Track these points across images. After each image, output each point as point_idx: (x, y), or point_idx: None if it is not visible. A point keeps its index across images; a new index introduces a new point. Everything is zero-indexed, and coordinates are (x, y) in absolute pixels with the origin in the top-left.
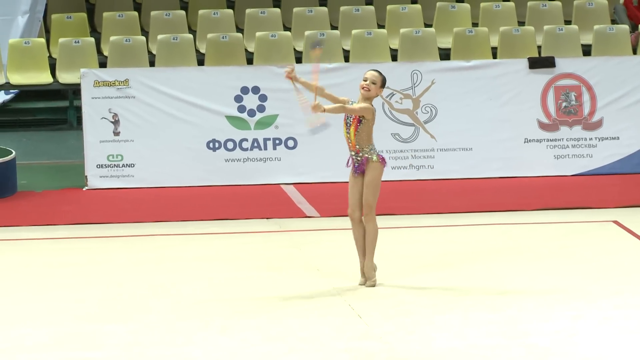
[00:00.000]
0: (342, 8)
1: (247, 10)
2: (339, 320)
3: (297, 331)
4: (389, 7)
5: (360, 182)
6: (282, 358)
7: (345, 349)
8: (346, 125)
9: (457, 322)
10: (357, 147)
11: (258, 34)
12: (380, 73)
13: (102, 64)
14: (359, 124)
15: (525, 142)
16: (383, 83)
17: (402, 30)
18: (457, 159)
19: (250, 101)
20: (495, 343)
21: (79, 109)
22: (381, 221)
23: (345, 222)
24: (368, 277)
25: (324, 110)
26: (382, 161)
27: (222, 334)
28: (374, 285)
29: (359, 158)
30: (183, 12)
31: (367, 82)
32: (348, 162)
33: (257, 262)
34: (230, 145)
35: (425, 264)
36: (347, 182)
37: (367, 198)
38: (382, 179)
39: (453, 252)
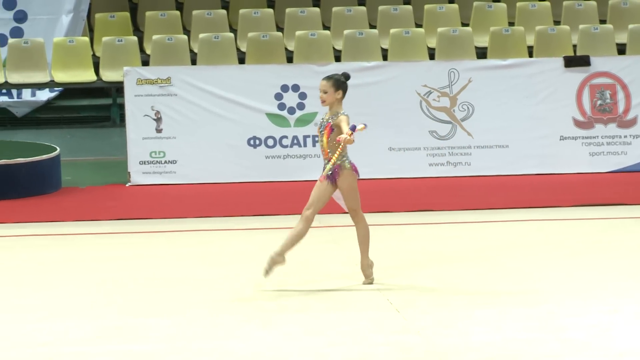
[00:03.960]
0: (380, 7)
1: (287, 10)
2: (377, 315)
3: (337, 325)
4: (426, 6)
5: (329, 189)
6: (322, 351)
7: (384, 342)
8: (320, 134)
9: (494, 317)
10: (330, 155)
11: (298, 32)
12: (330, 78)
13: (145, 62)
14: (332, 131)
15: (560, 139)
16: (337, 85)
17: (439, 30)
18: (493, 156)
19: (290, 99)
20: (532, 337)
21: (122, 107)
22: (419, 217)
23: (384, 217)
24: (366, 275)
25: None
26: (355, 170)
27: (264, 328)
28: (371, 283)
29: (331, 166)
30: (224, 12)
31: (320, 93)
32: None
33: (297, 257)
34: (270, 142)
35: (463, 259)
36: (385, 178)
37: (349, 206)
38: (424, 175)
39: (490, 248)
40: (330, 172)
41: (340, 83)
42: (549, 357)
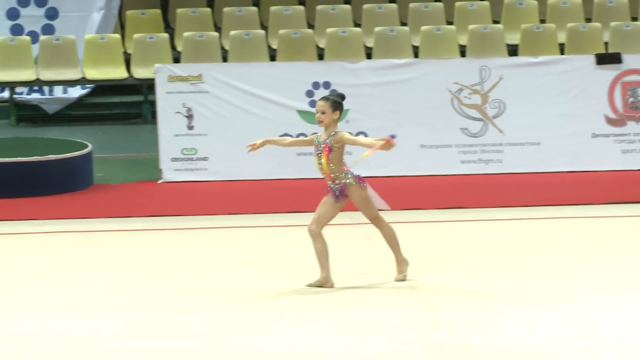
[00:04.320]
0: (411, 5)
1: (318, 7)
2: (410, 312)
3: (369, 322)
4: (457, 3)
5: (336, 206)
6: (354, 348)
7: (416, 339)
8: (317, 156)
9: (527, 314)
10: (332, 175)
11: (329, 30)
12: (327, 99)
13: (176, 60)
14: (330, 152)
15: (592, 137)
16: (334, 106)
17: (470, 27)
18: (525, 153)
19: (322, 96)
20: (565, 335)
21: (153, 104)
22: (450, 214)
23: (417, 215)
24: (400, 271)
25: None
26: (361, 181)
27: (296, 324)
28: (403, 279)
29: (337, 185)
30: (255, 9)
31: (318, 114)
32: (328, 190)
33: (329, 254)
34: None
35: (495, 257)
36: (417, 175)
37: (368, 216)
38: (456, 172)
39: (522, 245)
40: (337, 192)
41: (337, 104)
42: (583, 355)
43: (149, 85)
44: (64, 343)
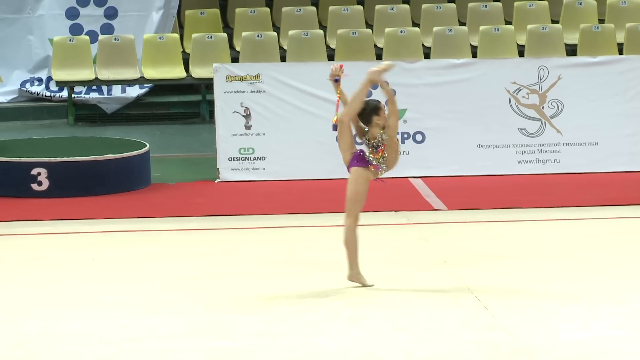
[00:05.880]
0: (470, 4)
1: (377, 7)
2: (465, 312)
3: (425, 322)
4: (516, 3)
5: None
6: (409, 348)
7: (472, 340)
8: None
9: (582, 314)
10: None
11: (387, 29)
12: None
13: (234, 59)
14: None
15: None
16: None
17: (529, 27)
18: (583, 153)
19: (380, 96)
20: (620, 335)
21: (211, 103)
22: (507, 214)
23: (473, 214)
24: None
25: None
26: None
27: (351, 324)
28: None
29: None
30: (314, 8)
31: None
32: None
33: (385, 254)
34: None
35: (551, 257)
36: (474, 175)
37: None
38: (513, 172)
39: (578, 245)
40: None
41: (376, 111)
42: (638, 356)
43: (207, 85)
44: (119, 342)
